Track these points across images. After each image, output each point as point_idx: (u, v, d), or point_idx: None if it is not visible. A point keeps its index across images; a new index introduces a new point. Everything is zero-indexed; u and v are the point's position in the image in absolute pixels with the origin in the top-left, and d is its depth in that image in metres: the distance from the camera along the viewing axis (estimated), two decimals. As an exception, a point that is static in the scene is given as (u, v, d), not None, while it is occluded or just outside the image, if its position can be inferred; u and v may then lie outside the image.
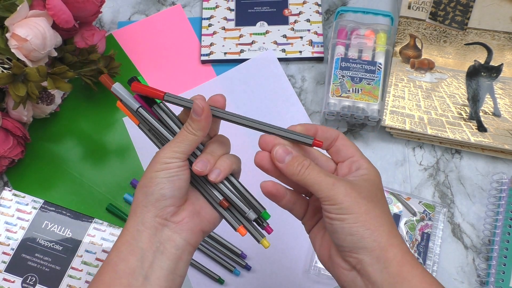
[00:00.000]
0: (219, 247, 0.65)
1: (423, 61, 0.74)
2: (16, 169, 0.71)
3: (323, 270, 0.63)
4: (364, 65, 0.69)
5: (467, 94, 0.71)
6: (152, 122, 0.43)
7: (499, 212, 0.64)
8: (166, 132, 0.43)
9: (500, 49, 0.73)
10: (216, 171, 0.42)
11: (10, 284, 0.60)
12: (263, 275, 0.64)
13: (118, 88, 0.43)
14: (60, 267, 0.61)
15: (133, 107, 0.43)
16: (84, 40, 0.69)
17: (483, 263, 0.64)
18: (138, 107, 0.43)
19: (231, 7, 0.81)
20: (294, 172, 0.40)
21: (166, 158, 0.41)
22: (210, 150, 0.43)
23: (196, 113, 0.41)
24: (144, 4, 0.83)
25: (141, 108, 0.43)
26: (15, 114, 0.66)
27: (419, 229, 0.65)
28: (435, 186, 0.69)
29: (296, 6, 0.80)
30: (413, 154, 0.70)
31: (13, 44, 0.59)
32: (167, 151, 0.41)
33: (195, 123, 0.41)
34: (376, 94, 0.68)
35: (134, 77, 0.43)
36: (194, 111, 0.41)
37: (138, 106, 0.43)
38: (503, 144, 0.67)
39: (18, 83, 0.60)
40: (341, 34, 0.73)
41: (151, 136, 0.44)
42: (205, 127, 0.42)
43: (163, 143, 0.43)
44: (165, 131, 0.43)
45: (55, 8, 0.61)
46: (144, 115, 0.43)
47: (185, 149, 0.41)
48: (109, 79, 0.44)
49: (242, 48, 0.78)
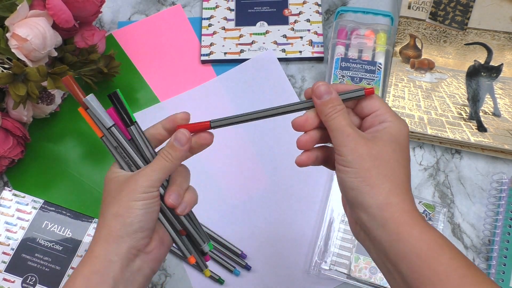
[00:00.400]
0: (219, 247, 0.65)
1: (423, 61, 0.74)
2: (16, 169, 0.71)
3: (323, 270, 0.63)
4: (364, 65, 0.69)
5: (467, 94, 0.71)
6: (124, 144, 0.41)
7: (499, 212, 0.64)
8: (138, 158, 0.42)
9: (500, 49, 0.73)
10: (183, 205, 0.42)
11: (10, 284, 0.60)
12: (263, 275, 0.64)
13: (90, 100, 0.40)
14: (60, 267, 0.61)
15: (105, 124, 0.40)
16: (84, 40, 0.69)
17: (483, 263, 0.64)
18: (111, 126, 0.40)
19: (231, 7, 0.81)
20: (325, 111, 0.40)
21: (145, 187, 0.39)
22: (179, 183, 0.42)
23: (180, 143, 0.41)
24: (144, 4, 0.83)
25: (114, 127, 0.41)
26: (15, 114, 0.66)
27: (419, 229, 0.65)
28: (435, 186, 0.69)
29: (296, 6, 0.80)
30: (413, 154, 0.71)
31: (13, 44, 0.59)
32: (146, 179, 0.40)
33: (177, 152, 0.41)
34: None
35: (115, 92, 0.40)
36: (178, 140, 0.41)
37: (111, 124, 0.40)
38: (503, 144, 0.67)
39: (18, 83, 0.60)
40: (341, 34, 0.73)
41: (114, 153, 0.42)
42: (184, 157, 0.41)
43: (128, 164, 0.42)
44: (137, 156, 0.41)
45: (55, 8, 0.61)
46: (116, 136, 0.41)
47: (162, 177, 0.40)
48: (79, 88, 0.40)
49: (242, 48, 0.78)
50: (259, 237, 0.66)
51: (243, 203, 0.68)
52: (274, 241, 0.66)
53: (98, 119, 0.40)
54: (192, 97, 0.75)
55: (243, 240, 0.66)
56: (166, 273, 0.65)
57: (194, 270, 0.64)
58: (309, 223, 0.67)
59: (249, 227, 0.67)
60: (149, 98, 0.75)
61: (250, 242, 0.66)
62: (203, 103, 0.74)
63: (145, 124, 0.43)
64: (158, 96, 0.75)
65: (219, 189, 0.69)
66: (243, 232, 0.66)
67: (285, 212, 0.67)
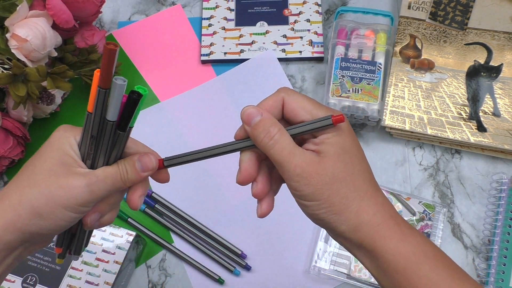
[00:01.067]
0: (219, 247, 0.65)
1: (423, 61, 0.74)
2: (16, 169, 0.71)
3: (323, 270, 0.63)
4: (364, 65, 0.69)
5: (467, 94, 0.71)
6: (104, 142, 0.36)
7: (499, 212, 0.64)
8: (102, 161, 0.37)
9: (500, 49, 0.73)
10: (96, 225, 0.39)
11: (10, 284, 0.60)
12: (263, 275, 0.64)
13: (119, 85, 0.33)
14: (60, 267, 0.61)
15: (108, 116, 0.35)
16: (84, 40, 0.69)
17: (483, 263, 0.64)
18: (111, 121, 0.35)
19: (231, 7, 0.81)
20: (258, 138, 0.36)
21: (82, 206, 0.35)
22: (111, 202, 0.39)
23: (145, 168, 0.37)
24: (144, 4, 0.83)
25: (110, 123, 0.35)
26: (15, 114, 0.66)
27: (419, 229, 0.65)
28: (435, 186, 0.69)
29: (296, 6, 0.80)
30: (413, 154, 0.71)
31: (13, 45, 0.59)
32: (89, 194, 0.35)
33: (133, 175, 0.37)
34: (376, 94, 0.68)
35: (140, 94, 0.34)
36: (144, 164, 0.37)
37: (112, 120, 0.35)
38: (503, 144, 0.67)
39: (18, 83, 0.60)
40: (341, 34, 0.73)
41: (86, 137, 0.36)
42: (138, 183, 0.38)
43: (88, 156, 0.37)
44: (102, 160, 0.37)
45: (55, 8, 0.61)
46: (106, 131, 0.36)
47: (105, 195, 0.36)
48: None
49: (242, 48, 0.78)
50: (259, 237, 0.66)
51: (243, 203, 0.68)
52: (274, 241, 0.66)
53: (106, 105, 0.34)
54: (192, 97, 0.75)
55: (243, 240, 0.66)
56: (166, 273, 0.65)
57: (194, 270, 0.64)
58: (309, 223, 0.66)
59: (249, 227, 0.67)
60: (149, 98, 0.75)
61: (250, 242, 0.66)
62: (203, 103, 0.74)
63: (145, 124, 0.43)
64: (158, 96, 0.75)
65: (220, 189, 0.69)
66: (243, 232, 0.66)
67: (285, 212, 0.67)
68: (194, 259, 0.65)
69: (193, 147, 0.72)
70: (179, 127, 0.73)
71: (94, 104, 0.34)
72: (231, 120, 0.73)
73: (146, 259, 0.66)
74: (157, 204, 0.67)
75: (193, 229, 0.66)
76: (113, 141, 0.36)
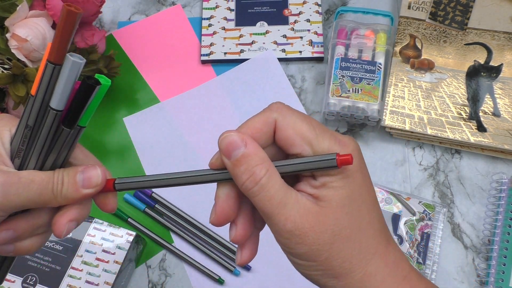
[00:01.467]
0: (219, 247, 0.65)
1: (423, 61, 0.74)
2: (16, 169, 0.71)
3: (323, 270, 0.63)
4: (364, 65, 0.69)
5: (467, 94, 0.71)
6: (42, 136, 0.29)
7: (499, 212, 0.64)
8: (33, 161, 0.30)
9: (500, 49, 0.73)
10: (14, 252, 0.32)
11: (10, 284, 0.60)
12: (263, 275, 0.64)
13: (72, 62, 0.26)
14: (60, 267, 0.61)
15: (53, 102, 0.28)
16: (84, 40, 0.69)
17: (482, 263, 0.64)
18: (56, 110, 0.28)
19: (231, 7, 0.81)
20: (241, 180, 0.28)
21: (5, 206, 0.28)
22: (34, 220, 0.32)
23: (87, 183, 0.30)
24: (144, 4, 0.83)
25: (54, 112, 0.28)
26: (15, 114, 0.66)
27: (419, 229, 0.65)
28: (435, 186, 0.69)
29: (296, 6, 0.80)
30: (413, 154, 0.71)
31: (13, 45, 0.59)
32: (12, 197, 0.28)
33: (70, 190, 0.30)
34: (376, 94, 0.68)
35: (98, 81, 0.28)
36: (87, 177, 0.30)
37: (57, 109, 0.28)
38: (503, 144, 0.67)
39: (18, 83, 0.60)
40: (341, 34, 0.73)
41: (21, 127, 0.29)
42: (69, 202, 0.30)
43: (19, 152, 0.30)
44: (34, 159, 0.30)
45: (55, 8, 0.61)
46: (47, 121, 0.29)
47: (28, 205, 0.29)
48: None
49: (242, 48, 0.78)
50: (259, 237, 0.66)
51: (243, 203, 0.68)
52: (274, 241, 0.66)
53: (52, 88, 0.27)
54: (192, 97, 0.75)
55: (243, 240, 0.66)
56: (166, 273, 0.65)
57: (194, 270, 0.64)
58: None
59: (249, 227, 0.67)
60: (149, 98, 0.75)
61: (250, 242, 0.66)
62: (203, 103, 0.74)
63: (145, 124, 0.42)
64: (158, 96, 0.75)
65: (219, 189, 0.69)
66: (243, 232, 0.66)
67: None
68: (194, 259, 0.65)
69: (193, 147, 0.73)
70: (179, 127, 0.73)
71: (38, 84, 0.27)
72: (231, 120, 0.73)
73: (146, 259, 0.66)
74: (157, 204, 0.67)
75: (193, 229, 0.66)
76: (54, 138, 0.30)
